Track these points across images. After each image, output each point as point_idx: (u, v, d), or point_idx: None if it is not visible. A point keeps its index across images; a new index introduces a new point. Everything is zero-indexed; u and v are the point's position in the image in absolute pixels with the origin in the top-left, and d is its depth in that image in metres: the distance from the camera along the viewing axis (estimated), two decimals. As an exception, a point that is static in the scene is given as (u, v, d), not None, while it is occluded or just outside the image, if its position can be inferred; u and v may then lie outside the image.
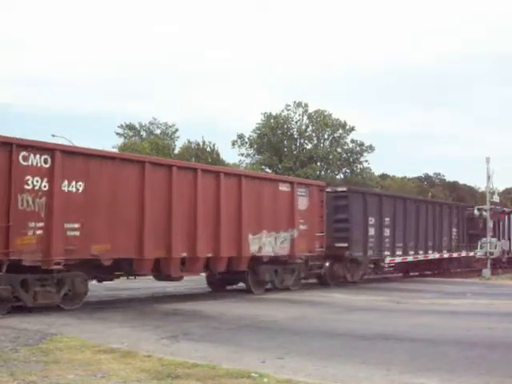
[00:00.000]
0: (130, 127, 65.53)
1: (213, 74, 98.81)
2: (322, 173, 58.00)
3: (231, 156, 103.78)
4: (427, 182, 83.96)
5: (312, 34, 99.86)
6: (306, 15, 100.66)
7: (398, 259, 23.43)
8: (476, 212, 28.64)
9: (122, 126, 65.06)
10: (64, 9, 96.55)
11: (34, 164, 11.65)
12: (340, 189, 21.51)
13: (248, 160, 60.41)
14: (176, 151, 56.54)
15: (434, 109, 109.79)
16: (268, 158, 58.38)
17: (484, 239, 28.26)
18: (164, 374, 6.54)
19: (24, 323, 10.22)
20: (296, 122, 59.96)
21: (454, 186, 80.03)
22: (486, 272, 27.04)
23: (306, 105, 59.57)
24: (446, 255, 26.81)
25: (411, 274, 26.87)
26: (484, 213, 28.58)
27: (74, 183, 12.27)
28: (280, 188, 17.39)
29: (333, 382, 6.48)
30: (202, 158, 49.81)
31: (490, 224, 28.45)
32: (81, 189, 12.39)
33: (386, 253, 22.39)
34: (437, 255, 26.02)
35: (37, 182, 11.67)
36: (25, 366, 6.89)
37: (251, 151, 60.63)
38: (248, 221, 16.01)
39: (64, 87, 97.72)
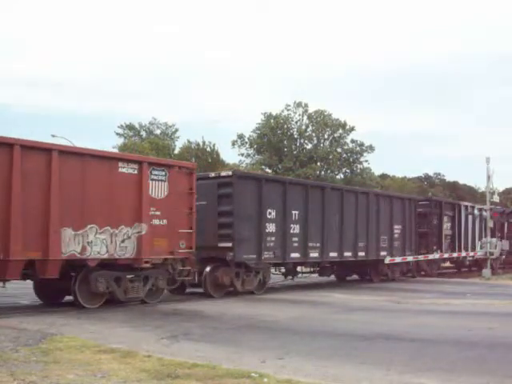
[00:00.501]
0: (130, 127, 65.56)
1: (213, 74, 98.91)
2: (322, 173, 58.04)
3: (231, 156, 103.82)
4: (427, 182, 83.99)
5: (312, 33, 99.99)
6: (306, 15, 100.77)
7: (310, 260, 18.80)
8: (476, 212, 28.59)
9: (122, 126, 65.15)
10: (64, 9, 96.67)
11: None
12: (224, 173, 17.07)
13: (248, 160, 60.55)
14: (176, 151, 56.56)
15: (434, 109, 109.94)
16: (268, 158, 58.44)
17: (484, 239, 28.25)
18: (164, 374, 6.54)
19: (24, 323, 10.22)
20: (296, 122, 60.05)
21: (454, 186, 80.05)
22: (487, 272, 27.03)
23: (306, 105, 59.71)
24: (387, 258, 22.23)
25: (348, 278, 23.65)
26: (484, 212, 28.55)
27: None
28: (120, 170, 13.42)
29: (333, 382, 6.47)
30: (202, 158, 49.84)
31: (491, 224, 28.43)
32: None
33: (294, 255, 17.96)
34: (372, 257, 21.56)
35: None
36: (25, 366, 6.89)
37: (251, 151, 60.74)
38: (62, 212, 12.14)
39: (64, 87, 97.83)
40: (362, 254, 20.87)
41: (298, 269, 19.84)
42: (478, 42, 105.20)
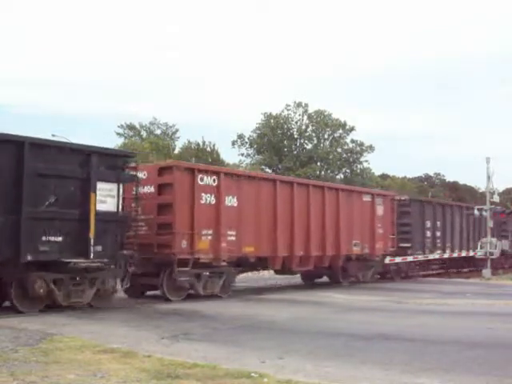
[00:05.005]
0: (130, 127, 65.44)
1: (213, 74, 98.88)
2: (322, 173, 58.03)
3: (231, 156, 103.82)
4: (427, 182, 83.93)
5: (312, 33, 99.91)
6: (306, 15, 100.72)
7: None
8: (476, 212, 28.56)
9: (122, 125, 65.06)
10: (64, 9, 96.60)
11: None
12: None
13: (248, 160, 60.55)
14: (176, 151, 56.54)
15: (433, 109, 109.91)
16: (268, 158, 58.42)
17: (484, 239, 28.24)
18: (164, 374, 6.54)
19: (24, 323, 10.22)
20: (296, 122, 60.02)
21: (454, 186, 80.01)
22: (487, 272, 27.03)
23: (306, 105, 59.67)
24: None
25: None
26: (484, 213, 28.53)
27: None
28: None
29: (333, 382, 6.47)
30: (202, 158, 49.81)
31: (491, 224, 28.43)
32: None
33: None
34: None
35: None
36: (25, 366, 6.90)
37: (251, 151, 60.73)
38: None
39: (64, 87, 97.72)
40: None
41: None
42: (477, 41, 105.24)
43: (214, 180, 15.29)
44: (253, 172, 24.44)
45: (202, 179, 14.94)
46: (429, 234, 25.61)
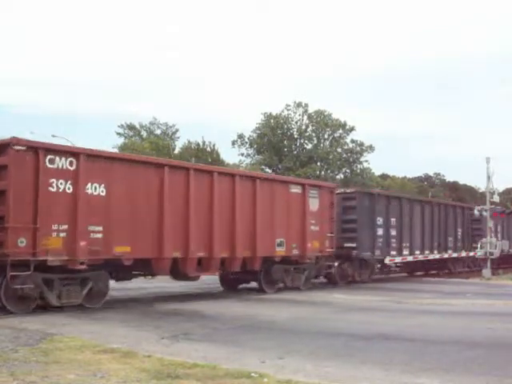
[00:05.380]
0: (131, 127, 65.49)
1: (213, 74, 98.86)
2: (322, 173, 58.02)
3: (231, 156, 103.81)
4: (427, 182, 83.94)
5: (312, 34, 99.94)
6: (306, 15, 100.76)
7: None
8: (476, 212, 28.55)
9: (122, 125, 65.09)
10: (64, 9, 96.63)
11: None
12: None
13: (248, 160, 60.58)
14: (176, 151, 56.54)
15: (433, 109, 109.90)
16: (268, 158, 58.44)
17: (484, 239, 28.22)
18: (164, 374, 6.54)
19: (24, 323, 10.22)
20: (296, 122, 60.06)
21: (454, 186, 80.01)
22: (487, 272, 27.03)
23: (306, 105, 59.74)
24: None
25: None
26: (484, 213, 28.52)
27: None
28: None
29: (333, 382, 6.47)
30: (202, 158, 49.80)
31: (490, 224, 28.42)
32: None
33: None
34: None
35: None
36: (25, 366, 6.90)
37: (251, 151, 60.78)
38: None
39: (64, 87, 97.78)
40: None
41: None
42: (477, 41, 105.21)
43: (72, 163, 12.23)
44: (132, 155, 20.43)
45: (52, 161, 11.89)
46: (380, 232, 21.94)
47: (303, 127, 59.94)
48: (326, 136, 60.51)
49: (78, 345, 8.24)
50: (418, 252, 24.34)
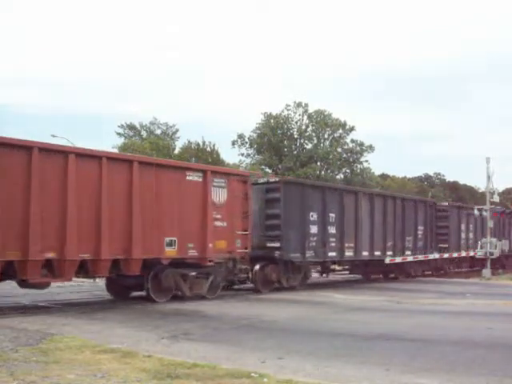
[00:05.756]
0: (131, 127, 65.52)
1: (213, 74, 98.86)
2: (322, 173, 58.03)
3: (231, 156, 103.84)
4: (427, 182, 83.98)
5: (312, 33, 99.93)
6: (306, 15, 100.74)
7: None
8: (476, 212, 28.56)
9: (122, 125, 65.11)
10: (64, 9, 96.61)
11: None
12: None
13: (248, 160, 60.59)
14: (176, 151, 56.57)
15: (434, 109, 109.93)
16: (268, 158, 58.45)
17: (484, 239, 28.23)
18: (164, 374, 6.54)
19: (24, 323, 10.22)
20: (296, 122, 60.04)
21: (454, 186, 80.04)
22: (487, 272, 27.04)
23: (306, 105, 59.71)
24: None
25: None
26: (484, 212, 28.53)
27: None
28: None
29: (333, 382, 6.47)
30: (202, 157, 49.82)
31: (491, 224, 28.43)
32: None
33: None
34: None
35: None
36: (25, 366, 6.89)
37: (251, 151, 60.77)
38: None
39: (64, 87, 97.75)
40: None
41: None
42: (477, 41, 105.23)
43: None
44: None
45: None
46: (314, 229, 18.60)
47: (303, 127, 59.93)
48: (326, 136, 60.49)
49: (78, 345, 8.24)
50: (365, 253, 20.96)
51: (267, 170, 56.96)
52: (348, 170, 61.58)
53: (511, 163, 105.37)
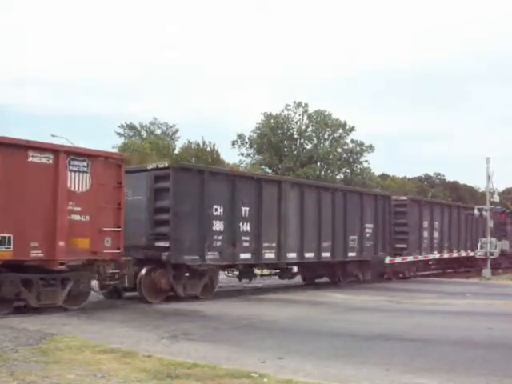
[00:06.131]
0: (131, 127, 65.51)
1: (213, 74, 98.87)
2: (322, 173, 58.03)
3: (231, 156, 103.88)
4: (427, 182, 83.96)
5: (312, 34, 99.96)
6: (306, 15, 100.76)
7: None
8: (476, 212, 28.53)
9: (122, 125, 65.10)
10: (64, 9, 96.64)
11: None
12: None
13: (248, 160, 60.57)
14: (176, 151, 56.55)
15: (434, 109, 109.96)
16: (268, 158, 58.44)
17: (484, 239, 28.21)
18: (164, 374, 6.54)
19: (24, 323, 10.21)
20: (296, 122, 60.01)
21: (454, 186, 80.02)
22: (487, 272, 27.03)
23: (306, 105, 59.68)
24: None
25: None
26: (484, 212, 28.52)
27: None
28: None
29: (333, 382, 6.47)
30: (202, 158, 49.81)
31: (491, 224, 28.42)
32: None
33: None
34: None
35: None
36: (25, 366, 6.89)
37: (251, 151, 60.73)
38: None
39: (64, 87, 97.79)
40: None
41: None
42: (477, 41, 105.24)
43: None
44: None
45: None
46: (219, 226, 15.36)
47: (303, 127, 59.90)
48: (325, 136, 60.46)
49: (78, 345, 8.24)
50: (293, 255, 17.60)
51: (267, 170, 56.96)
52: (348, 170, 61.56)
53: (511, 163, 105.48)
